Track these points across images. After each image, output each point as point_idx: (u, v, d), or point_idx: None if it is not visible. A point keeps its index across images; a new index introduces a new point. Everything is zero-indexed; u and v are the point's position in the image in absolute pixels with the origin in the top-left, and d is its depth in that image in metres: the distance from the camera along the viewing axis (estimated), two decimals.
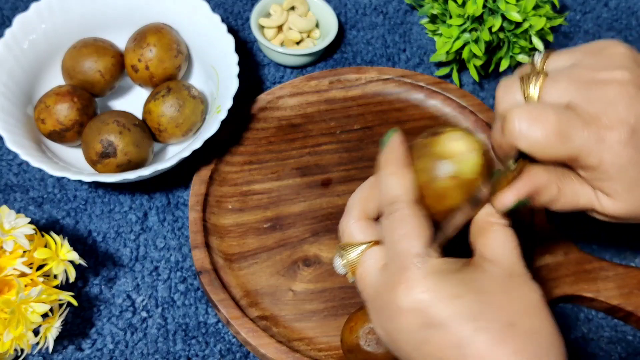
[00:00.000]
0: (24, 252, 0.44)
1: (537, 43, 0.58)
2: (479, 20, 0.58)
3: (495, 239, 0.36)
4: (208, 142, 0.53)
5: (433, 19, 0.64)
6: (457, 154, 0.35)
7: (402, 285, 0.33)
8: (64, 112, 0.53)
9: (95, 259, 0.53)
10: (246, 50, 0.66)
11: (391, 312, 0.34)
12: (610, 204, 0.38)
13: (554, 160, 0.36)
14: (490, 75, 0.66)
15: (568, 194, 0.38)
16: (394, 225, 0.35)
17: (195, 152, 0.52)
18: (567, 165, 0.37)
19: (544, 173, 0.37)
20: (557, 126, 0.35)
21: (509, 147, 0.37)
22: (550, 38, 0.61)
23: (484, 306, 0.33)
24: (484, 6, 0.57)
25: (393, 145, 0.38)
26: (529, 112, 0.35)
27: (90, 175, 0.50)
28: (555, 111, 0.35)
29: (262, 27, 0.65)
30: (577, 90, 0.36)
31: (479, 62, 0.60)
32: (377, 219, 0.39)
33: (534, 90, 0.37)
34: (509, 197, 0.36)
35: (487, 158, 0.36)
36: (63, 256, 0.45)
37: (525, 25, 0.57)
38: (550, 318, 0.34)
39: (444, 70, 0.64)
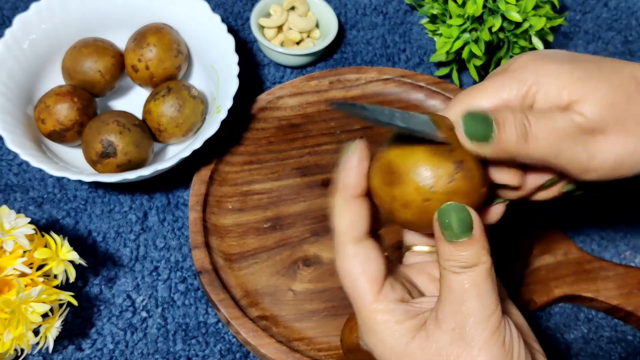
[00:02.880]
0: (24, 252, 0.44)
1: (537, 43, 0.58)
2: (479, 20, 0.58)
3: (443, 290, 0.32)
4: (208, 142, 0.53)
5: (433, 19, 0.64)
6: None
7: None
8: (64, 112, 0.53)
9: (95, 259, 0.53)
10: (246, 50, 0.66)
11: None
12: (584, 106, 0.33)
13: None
14: None
15: (540, 118, 0.33)
16: (340, 273, 0.34)
17: (195, 152, 0.52)
18: None
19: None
20: (478, 87, 0.35)
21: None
22: (550, 38, 0.61)
23: None
24: (484, 6, 0.57)
25: (347, 166, 0.33)
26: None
27: (90, 175, 0.50)
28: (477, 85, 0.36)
29: (262, 27, 0.65)
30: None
31: (479, 62, 0.60)
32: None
33: None
34: (455, 109, 0.33)
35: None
36: (63, 256, 0.45)
37: (525, 25, 0.57)
38: None
39: (444, 70, 0.64)
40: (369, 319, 0.33)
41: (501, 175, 0.35)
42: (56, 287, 0.46)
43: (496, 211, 0.36)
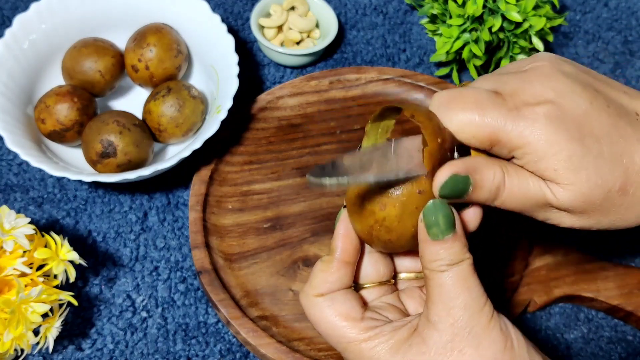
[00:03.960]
0: (24, 252, 0.44)
1: (537, 43, 0.58)
2: (479, 20, 0.58)
3: (433, 292, 0.33)
4: (208, 142, 0.53)
5: (433, 19, 0.64)
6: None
7: None
8: (64, 112, 0.53)
9: (95, 259, 0.53)
10: (246, 50, 0.66)
11: None
12: (560, 191, 0.33)
13: (479, 142, 0.34)
14: None
15: (515, 182, 0.34)
16: (315, 323, 0.36)
17: (195, 152, 0.52)
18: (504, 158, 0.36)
19: (484, 156, 0.35)
20: (474, 100, 0.33)
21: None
22: (550, 38, 0.61)
23: None
24: (484, 6, 0.57)
25: (336, 235, 0.37)
26: (449, 91, 0.35)
27: (90, 175, 0.50)
28: (473, 90, 0.34)
29: (262, 27, 0.65)
30: (499, 81, 0.35)
31: (479, 62, 0.60)
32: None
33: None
34: (443, 171, 0.33)
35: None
36: (63, 256, 0.45)
37: (525, 25, 0.57)
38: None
39: (444, 70, 0.64)
40: (358, 353, 0.34)
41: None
42: (56, 287, 0.45)
43: (473, 217, 0.35)
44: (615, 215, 0.34)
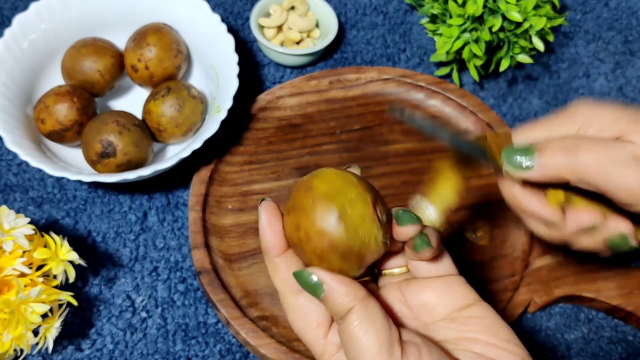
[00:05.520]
0: (24, 252, 0.44)
1: (537, 43, 0.58)
2: (479, 20, 0.58)
3: (343, 337, 0.32)
4: (208, 142, 0.53)
5: (433, 18, 0.64)
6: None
7: None
8: (64, 112, 0.53)
9: (95, 259, 0.53)
10: (246, 50, 0.66)
11: None
12: None
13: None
14: (490, 75, 0.66)
15: (593, 143, 0.35)
16: (292, 326, 0.36)
17: (195, 152, 0.52)
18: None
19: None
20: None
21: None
22: (551, 38, 0.61)
23: None
24: (484, 6, 0.57)
25: (260, 229, 0.35)
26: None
27: (89, 175, 0.50)
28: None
29: (262, 27, 0.65)
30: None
31: (479, 62, 0.60)
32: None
33: None
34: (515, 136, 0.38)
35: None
36: (63, 256, 0.45)
37: (526, 25, 0.57)
38: None
39: (444, 70, 0.64)
40: None
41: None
42: (56, 287, 0.45)
43: (405, 232, 0.34)
44: None
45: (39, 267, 0.45)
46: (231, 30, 0.59)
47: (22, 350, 0.44)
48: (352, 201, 0.31)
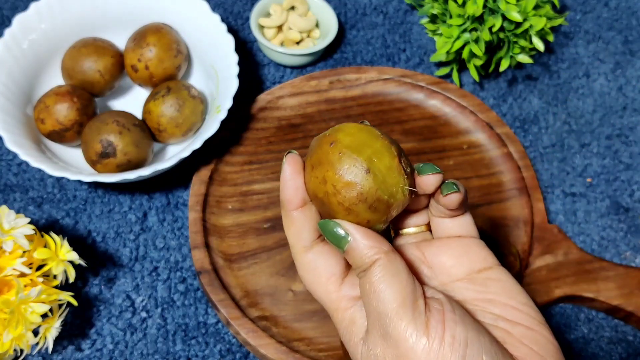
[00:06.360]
0: (24, 252, 0.44)
1: (537, 43, 0.58)
2: (479, 20, 0.58)
3: (364, 290, 0.32)
4: (208, 142, 0.53)
5: (433, 18, 0.64)
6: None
7: None
8: (64, 112, 0.53)
9: (95, 259, 0.53)
10: (246, 50, 0.66)
11: None
12: None
13: None
14: (490, 75, 0.66)
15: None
16: (304, 282, 0.35)
17: (195, 152, 0.52)
18: None
19: None
20: None
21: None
22: (551, 38, 0.61)
23: None
24: (484, 6, 0.57)
25: (282, 181, 0.34)
26: None
27: (89, 175, 0.50)
28: None
29: (262, 27, 0.65)
30: None
31: (479, 62, 0.60)
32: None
33: None
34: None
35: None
36: (63, 256, 0.45)
37: (526, 25, 0.57)
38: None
39: (444, 70, 0.64)
40: (335, 317, 0.34)
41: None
42: (56, 287, 0.45)
43: (429, 181, 0.34)
44: None
45: (39, 267, 0.45)
46: (231, 30, 0.59)
47: (22, 350, 0.44)
48: (378, 152, 0.32)
